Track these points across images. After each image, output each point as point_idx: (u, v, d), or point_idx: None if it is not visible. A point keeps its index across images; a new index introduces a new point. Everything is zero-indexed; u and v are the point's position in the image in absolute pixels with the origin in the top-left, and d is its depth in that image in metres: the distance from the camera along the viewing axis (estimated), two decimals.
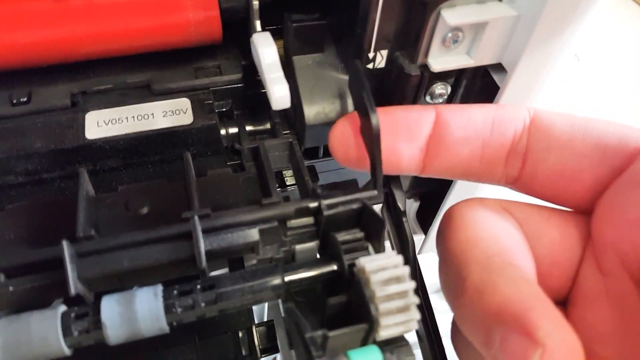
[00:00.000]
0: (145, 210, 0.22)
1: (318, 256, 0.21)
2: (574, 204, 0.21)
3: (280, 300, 0.33)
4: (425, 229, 0.35)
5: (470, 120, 0.22)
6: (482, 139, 0.21)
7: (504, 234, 0.20)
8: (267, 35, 0.22)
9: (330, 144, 0.22)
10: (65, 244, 0.17)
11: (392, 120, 0.21)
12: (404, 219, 0.24)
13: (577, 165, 0.20)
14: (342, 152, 0.22)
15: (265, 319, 0.27)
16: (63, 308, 0.18)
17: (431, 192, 0.34)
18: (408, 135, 0.22)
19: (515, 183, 0.22)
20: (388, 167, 0.21)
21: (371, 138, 0.21)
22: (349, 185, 0.31)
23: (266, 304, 0.32)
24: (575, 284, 0.20)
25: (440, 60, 0.22)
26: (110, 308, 0.17)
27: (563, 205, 0.21)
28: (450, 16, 0.21)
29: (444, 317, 0.25)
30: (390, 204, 0.25)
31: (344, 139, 0.22)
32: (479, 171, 0.22)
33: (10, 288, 0.18)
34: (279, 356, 0.27)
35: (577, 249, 0.20)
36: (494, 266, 0.18)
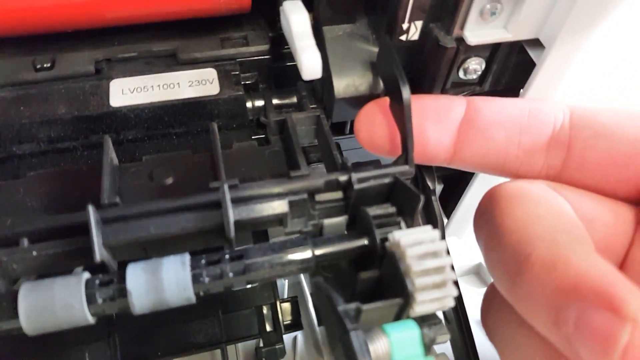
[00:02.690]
0: (169, 180, 0.21)
1: (346, 232, 0.21)
2: (625, 192, 0.20)
3: (303, 278, 0.33)
4: (448, 214, 0.34)
5: (504, 107, 0.21)
6: (519, 124, 0.21)
7: (563, 211, 0.19)
8: (298, 3, 0.22)
9: (356, 125, 0.22)
10: (91, 208, 0.17)
11: (420, 105, 0.21)
12: (433, 198, 0.23)
13: (630, 150, 0.19)
14: (367, 134, 0.22)
15: (286, 297, 0.26)
16: (87, 275, 0.17)
17: (455, 175, 0.33)
18: (436, 117, 0.21)
19: (558, 175, 0.21)
20: (416, 148, 0.21)
21: (402, 112, 0.20)
22: (373, 164, 0.30)
23: (286, 282, 0.31)
24: (622, 267, 0.19)
25: (476, 33, 0.22)
26: (136, 276, 0.17)
27: (612, 195, 0.20)
28: None
29: (467, 301, 0.24)
30: (419, 182, 0.24)
31: (371, 120, 0.22)
32: (517, 160, 0.21)
33: (34, 253, 0.17)
34: (299, 334, 0.27)
35: (629, 233, 0.20)
36: (561, 241, 0.17)
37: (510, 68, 0.24)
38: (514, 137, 0.21)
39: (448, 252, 0.17)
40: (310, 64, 0.20)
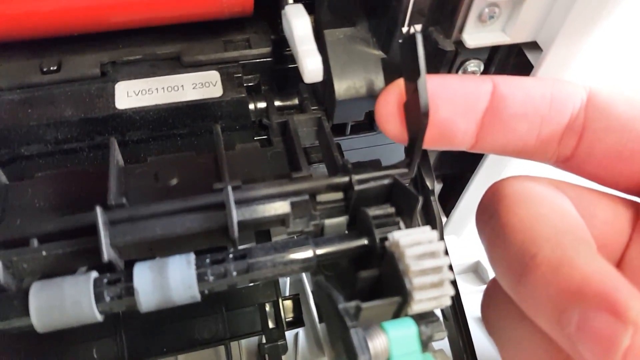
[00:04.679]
0: (174, 181, 0.22)
1: (346, 232, 0.21)
2: (626, 186, 0.20)
3: (304, 275, 0.33)
4: (447, 212, 0.35)
5: (529, 95, 0.20)
6: (541, 115, 0.20)
7: (567, 211, 0.19)
8: (300, 7, 0.22)
9: (380, 119, 0.21)
10: (99, 210, 0.17)
11: (449, 91, 0.20)
12: (432, 198, 0.24)
13: (637, 146, 0.19)
14: (394, 127, 0.21)
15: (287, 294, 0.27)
16: (95, 274, 0.18)
17: (455, 174, 0.34)
18: (465, 107, 0.20)
19: (566, 162, 0.21)
20: (442, 140, 0.21)
21: (418, 119, 0.19)
22: (373, 165, 0.30)
23: (288, 280, 0.32)
24: (619, 265, 0.20)
25: (475, 36, 0.22)
26: (143, 275, 0.17)
27: (614, 187, 0.21)
28: None
29: (465, 298, 0.25)
30: (418, 182, 0.25)
31: (393, 109, 0.20)
32: (533, 149, 0.21)
33: (44, 253, 0.18)
34: (301, 331, 0.27)
35: (627, 230, 0.20)
36: (567, 243, 0.17)
37: (508, 70, 0.25)
38: (534, 129, 0.21)
39: (446, 252, 0.17)
40: (312, 68, 0.21)
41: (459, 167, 0.33)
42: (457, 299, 0.24)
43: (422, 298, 0.16)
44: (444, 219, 0.36)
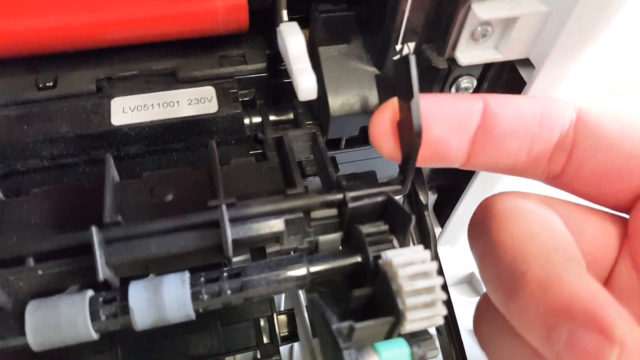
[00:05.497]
0: (170, 197, 0.22)
1: (340, 248, 0.21)
2: (614, 203, 0.21)
3: (301, 291, 0.33)
4: (442, 223, 0.35)
5: (519, 113, 0.21)
6: (531, 133, 0.21)
7: (557, 229, 0.19)
8: (294, 25, 0.22)
9: (371, 133, 0.21)
10: (94, 230, 0.17)
11: (441, 110, 0.20)
12: (425, 213, 0.24)
13: (626, 165, 0.20)
14: (388, 147, 0.21)
15: (282, 308, 0.27)
16: (91, 292, 0.18)
17: (449, 185, 0.34)
18: (457, 126, 0.21)
19: (556, 179, 0.21)
20: (435, 158, 0.21)
21: (411, 138, 0.19)
22: (368, 177, 0.30)
23: (284, 293, 0.32)
24: (608, 281, 0.20)
25: (468, 54, 0.22)
26: (138, 294, 0.18)
27: (602, 204, 0.21)
28: (480, 10, 0.21)
29: (459, 310, 0.25)
30: (412, 196, 0.25)
31: (387, 128, 0.20)
32: (523, 167, 0.21)
33: (40, 272, 0.18)
34: (296, 345, 0.27)
35: (615, 247, 0.20)
36: (556, 261, 0.17)
37: (501, 86, 0.25)
38: (525, 146, 0.21)
39: (439, 272, 0.17)
40: (306, 86, 0.21)
41: (454, 178, 0.33)
42: (450, 312, 0.25)
43: (415, 318, 0.16)
44: (438, 230, 0.36)
